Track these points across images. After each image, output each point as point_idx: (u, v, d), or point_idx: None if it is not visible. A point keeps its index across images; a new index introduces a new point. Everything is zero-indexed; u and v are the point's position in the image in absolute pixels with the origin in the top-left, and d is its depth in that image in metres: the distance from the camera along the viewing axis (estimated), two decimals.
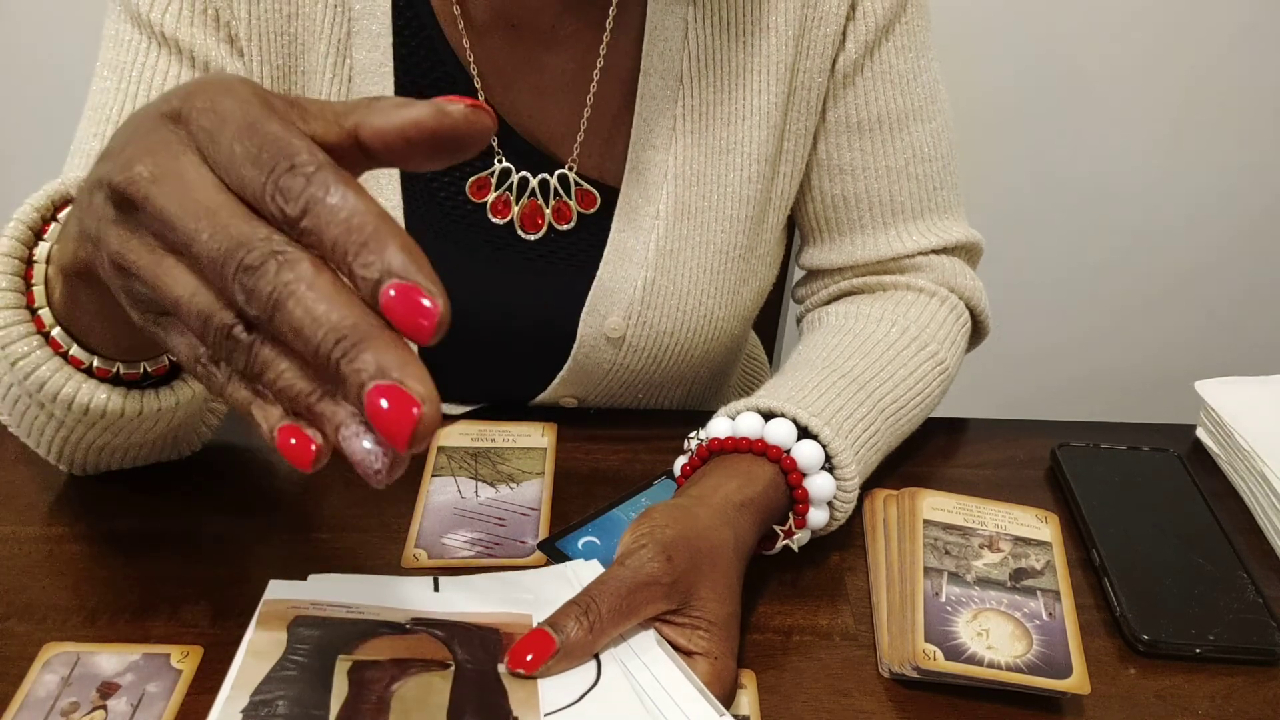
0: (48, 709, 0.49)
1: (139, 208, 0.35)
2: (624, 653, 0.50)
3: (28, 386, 0.50)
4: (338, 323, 0.32)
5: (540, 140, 0.70)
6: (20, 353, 0.49)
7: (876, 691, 0.54)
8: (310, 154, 0.33)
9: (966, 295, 0.75)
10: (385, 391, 0.31)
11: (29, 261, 0.50)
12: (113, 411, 0.51)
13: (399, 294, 0.32)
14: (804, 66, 0.70)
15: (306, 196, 0.33)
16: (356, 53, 0.66)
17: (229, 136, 0.34)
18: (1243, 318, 1.67)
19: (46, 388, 0.50)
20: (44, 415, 0.55)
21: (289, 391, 0.34)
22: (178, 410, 0.54)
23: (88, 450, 0.59)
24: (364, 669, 0.47)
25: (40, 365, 0.49)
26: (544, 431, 0.71)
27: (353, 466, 0.33)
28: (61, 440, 0.57)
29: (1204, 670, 0.56)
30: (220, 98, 0.35)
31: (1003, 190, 1.54)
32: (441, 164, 0.38)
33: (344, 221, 0.32)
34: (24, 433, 0.58)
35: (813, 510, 0.59)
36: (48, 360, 0.49)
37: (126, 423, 0.54)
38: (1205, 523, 0.64)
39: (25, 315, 0.49)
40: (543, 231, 0.70)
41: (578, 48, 0.68)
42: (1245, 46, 1.46)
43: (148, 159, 0.35)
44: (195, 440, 0.66)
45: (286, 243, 0.33)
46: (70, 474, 0.65)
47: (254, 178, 0.33)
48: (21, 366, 0.49)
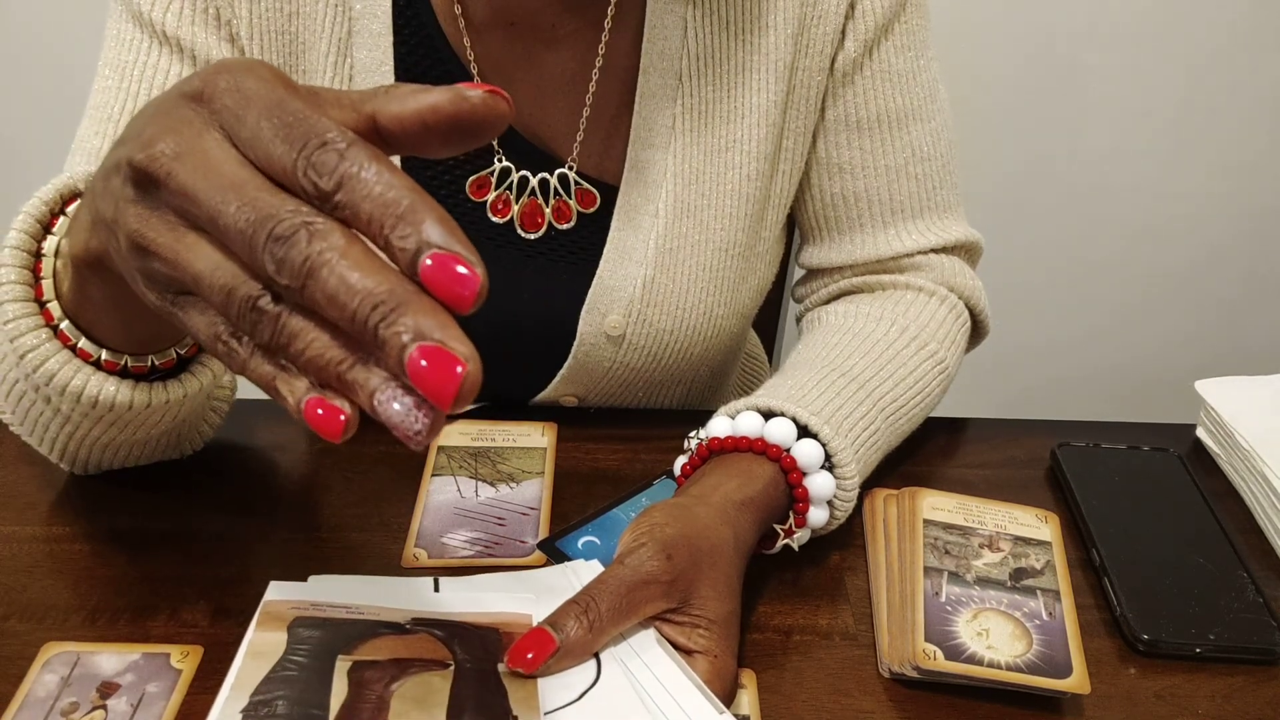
0: (48, 709, 0.49)
1: (160, 185, 0.36)
2: (624, 652, 0.50)
3: (36, 380, 0.50)
4: (374, 288, 0.32)
5: (540, 139, 0.70)
6: (29, 345, 0.49)
7: (876, 691, 0.54)
8: (340, 131, 0.34)
9: (966, 295, 0.75)
10: (428, 352, 0.32)
11: (37, 255, 0.50)
12: (120, 404, 0.51)
13: (437, 263, 0.32)
14: (803, 65, 0.70)
15: (340, 171, 0.33)
16: (357, 52, 0.66)
17: (255, 114, 0.34)
18: (1243, 317, 1.67)
19: (55, 380, 0.50)
20: (49, 410, 0.55)
21: (319, 361, 0.34)
22: (184, 404, 0.54)
23: (91, 447, 0.59)
24: (364, 669, 0.47)
25: (49, 358, 0.49)
26: (544, 431, 0.71)
27: (390, 430, 0.34)
28: (66, 436, 0.57)
29: (1204, 670, 0.56)
30: (244, 77, 0.35)
31: (1002, 189, 1.54)
32: (456, 150, 0.38)
33: (379, 196, 0.32)
34: (28, 429, 0.58)
35: (813, 509, 0.59)
36: (56, 353, 0.49)
37: (133, 416, 0.54)
38: (1205, 523, 0.64)
39: (34, 309, 0.49)
40: (542, 230, 0.70)
41: (577, 46, 0.68)
42: (1245, 44, 1.46)
43: (170, 137, 0.36)
44: (197, 439, 0.66)
45: (316, 214, 0.33)
46: (71, 473, 0.65)
47: (284, 153, 0.34)
48: (30, 359, 0.49)
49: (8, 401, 0.57)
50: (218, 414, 0.66)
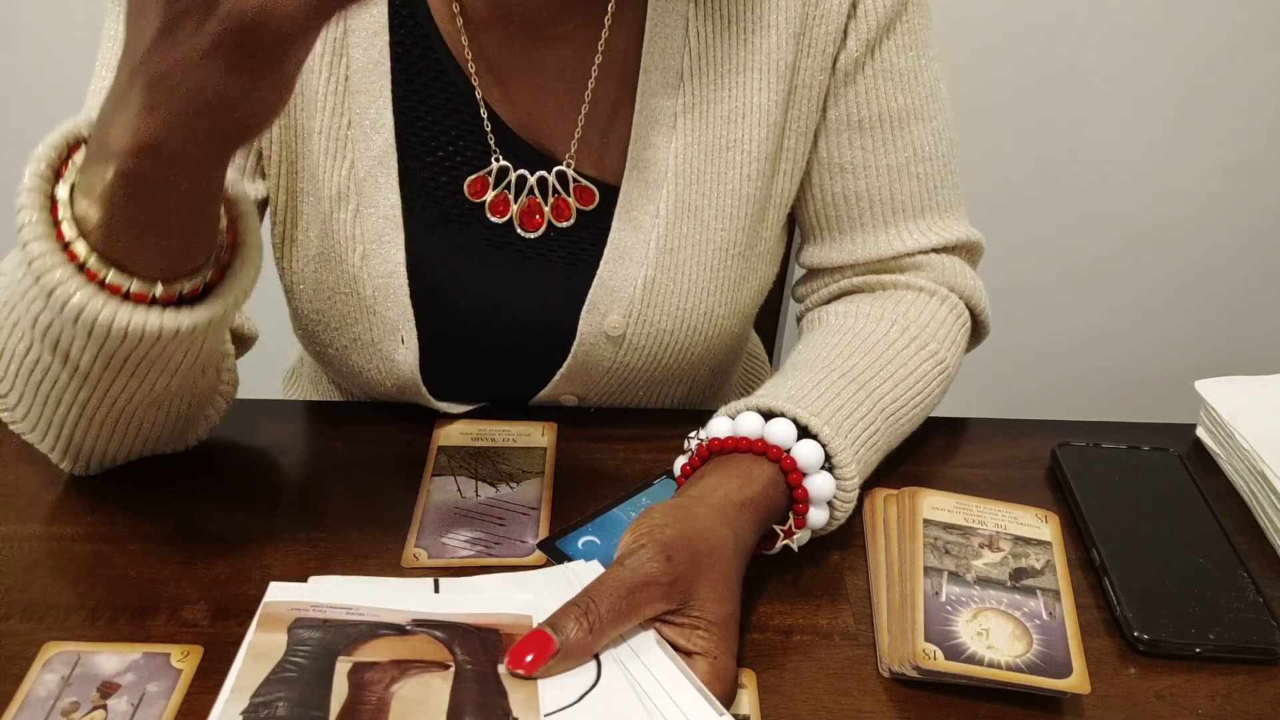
0: (48, 709, 0.49)
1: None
2: (624, 653, 0.50)
3: (65, 317, 0.50)
4: None
5: (538, 138, 0.70)
6: (57, 280, 0.49)
7: (876, 691, 0.54)
8: None
9: (967, 295, 0.75)
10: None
11: (53, 200, 0.50)
12: (150, 333, 0.51)
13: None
14: (805, 65, 0.70)
15: None
16: (353, 51, 0.66)
17: None
18: (1244, 317, 1.67)
19: (85, 314, 0.50)
20: (65, 374, 0.54)
21: None
22: (209, 332, 0.54)
23: (101, 424, 0.58)
24: (364, 670, 0.47)
25: (78, 290, 0.49)
26: (544, 431, 0.71)
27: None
28: (79, 410, 0.57)
29: (1204, 670, 0.56)
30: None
31: (1003, 188, 1.54)
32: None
33: None
34: (35, 412, 0.58)
35: (813, 510, 0.59)
36: (84, 286, 0.49)
37: (158, 353, 0.53)
38: (1205, 523, 0.64)
39: (59, 247, 0.49)
40: (541, 229, 0.70)
41: (576, 44, 0.68)
42: (1245, 44, 1.46)
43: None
44: (201, 426, 0.66)
45: None
46: (71, 474, 0.65)
47: None
48: (59, 295, 0.49)
49: (17, 378, 0.56)
50: (224, 399, 0.66)
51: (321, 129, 0.66)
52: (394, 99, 0.67)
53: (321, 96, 0.66)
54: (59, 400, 0.57)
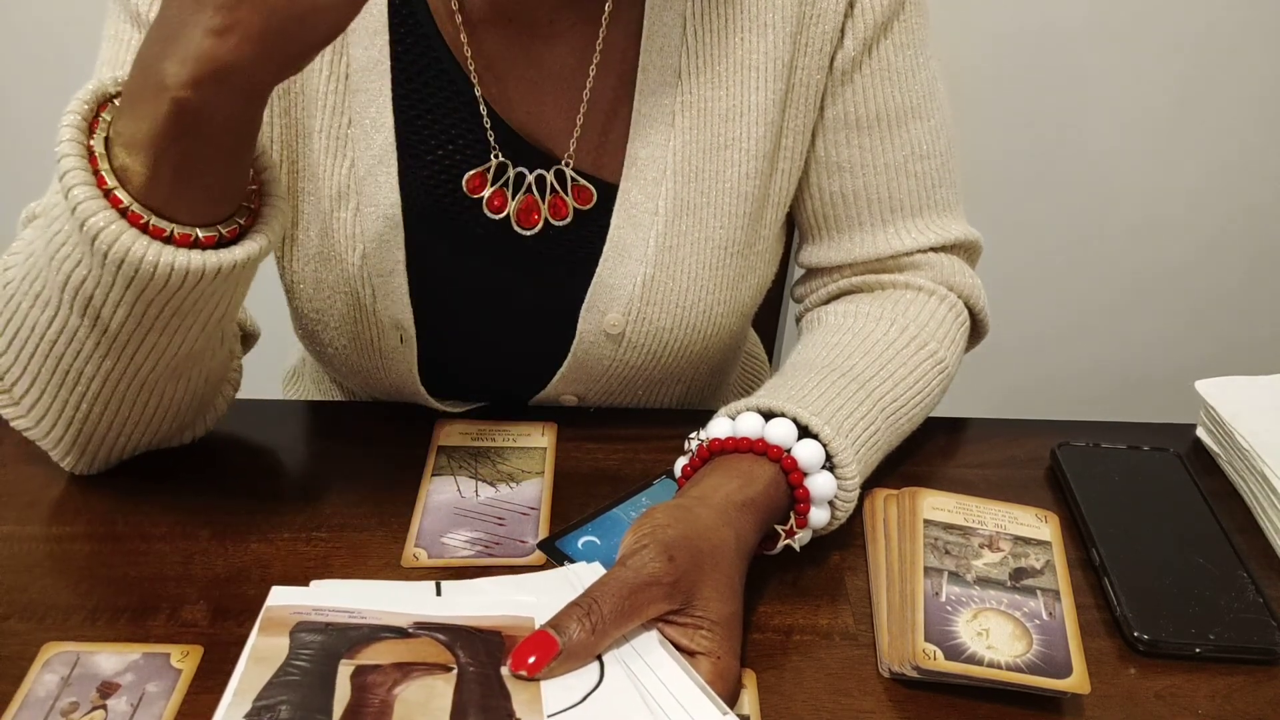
0: (48, 709, 0.49)
1: None
2: (627, 654, 0.50)
3: (109, 262, 0.51)
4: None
5: (536, 135, 0.70)
6: (100, 224, 0.50)
7: (876, 691, 0.54)
8: None
9: (965, 294, 0.75)
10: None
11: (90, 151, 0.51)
12: (194, 270, 0.52)
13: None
14: (802, 63, 0.70)
15: None
16: (353, 50, 0.66)
17: None
18: (1244, 316, 1.67)
19: (130, 257, 0.50)
20: (93, 340, 0.55)
21: None
22: (247, 270, 0.55)
23: (122, 394, 0.58)
24: (366, 673, 0.47)
25: (122, 233, 0.50)
26: (544, 431, 0.71)
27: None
28: (103, 378, 0.57)
29: (1204, 670, 0.56)
30: None
31: (1001, 187, 1.54)
32: None
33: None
34: (51, 390, 0.58)
35: (814, 510, 0.59)
36: (126, 230, 0.50)
37: (200, 292, 0.54)
38: (1205, 523, 0.64)
39: (100, 193, 0.50)
40: (539, 227, 0.70)
41: (574, 42, 0.68)
42: (1244, 44, 1.46)
43: None
44: (201, 424, 0.66)
45: None
46: (71, 474, 0.65)
47: None
48: (104, 238, 0.50)
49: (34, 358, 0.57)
50: (231, 386, 0.67)
51: (321, 128, 0.66)
52: (394, 98, 0.66)
53: (322, 96, 0.66)
54: (79, 374, 0.57)
